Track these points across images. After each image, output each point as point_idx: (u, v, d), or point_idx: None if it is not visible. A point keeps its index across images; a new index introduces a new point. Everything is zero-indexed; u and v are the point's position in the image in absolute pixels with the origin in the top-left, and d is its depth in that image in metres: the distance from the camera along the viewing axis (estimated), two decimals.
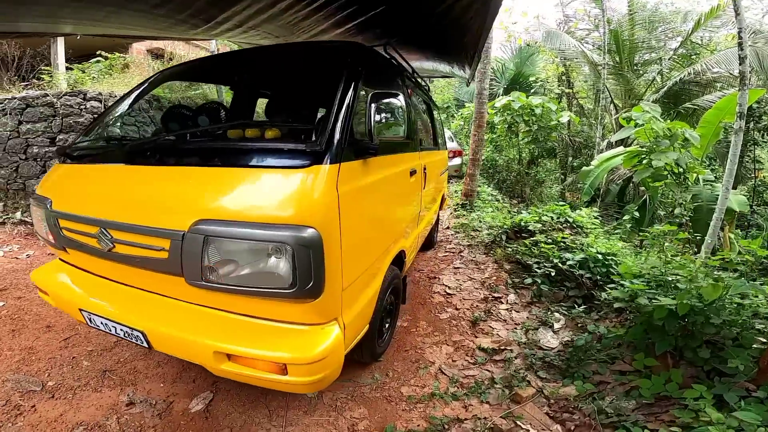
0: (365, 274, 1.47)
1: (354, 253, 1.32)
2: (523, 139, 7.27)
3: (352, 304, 1.37)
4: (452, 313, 2.63)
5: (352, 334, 1.39)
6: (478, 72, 5.84)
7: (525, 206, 7.11)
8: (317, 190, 1.12)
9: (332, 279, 1.15)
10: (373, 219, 1.53)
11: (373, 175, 1.50)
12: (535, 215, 4.27)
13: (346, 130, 1.28)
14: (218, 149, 1.43)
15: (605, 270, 2.86)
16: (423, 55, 3.31)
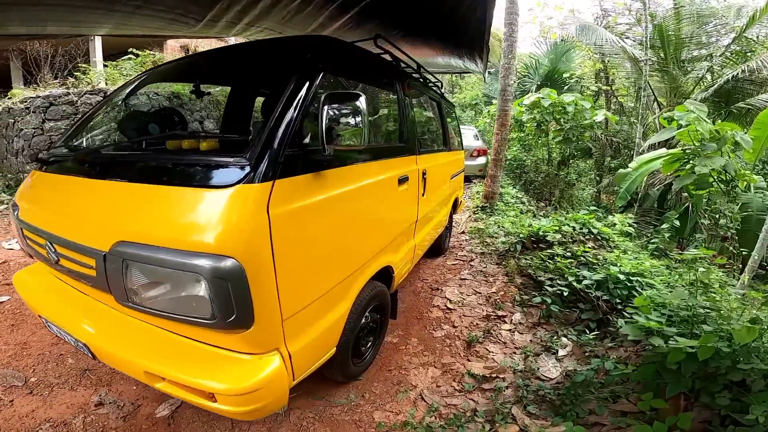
0: (323, 299, 1.35)
1: (300, 279, 1.20)
2: (554, 138, 6.87)
3: (301, 332, 1.27)
4: (448, 331, 2.48)
5: (303, 363, 1.31)
6: (502, 67, 5.58)
7: (553, 209, 6.74)
8: (239, 214, 1.00)
9: (266, 310, 1.06)
10: (331, 239, 1.37)
11: (331, 189, 1.34)
12: (555, 224, 3.99)
13: (286, 140, 1.13)
14: (141, 163, 1.34)
15: (626, 293, 2.59)
16: (431, 49, 3.14)
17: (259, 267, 1.02)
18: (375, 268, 1.79)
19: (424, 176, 2.45)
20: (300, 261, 1.19)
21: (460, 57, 3.33)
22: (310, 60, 1.36)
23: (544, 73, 9.10)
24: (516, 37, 5.44)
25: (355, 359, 1.90)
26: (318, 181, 1.28)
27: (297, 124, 1.18)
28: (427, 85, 3.16)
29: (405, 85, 2.28)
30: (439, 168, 3.07)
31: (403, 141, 2.17)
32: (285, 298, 1.12)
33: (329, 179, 1.34)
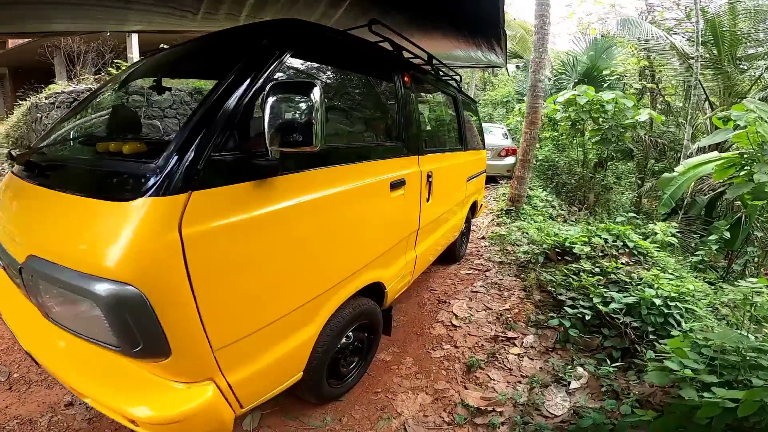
0: (276, 326, 1.20)
1: (237, 307, 1.05)
2: (590, 138, 6.40)
3: (246, 360, 1.14)
4: (448, 351, 2.27)
5: (253, 391, 1.20)
6: (532, 61, 5.30)
7: (587, 214, 6.29)
8: (140, 234, 0.85)
9: (186, 341, 0.94)
10: (284, 261, 1.19)
11: (283, 199, 1.14)
12: (585, 234, 3.65)
13: (211, 141, 0.95)
14: (53, 168, 1.22)
15: (662, 320, 2.27)
16: (446, 39, 2.90)
17: (169, 295, 0.88)
18: (357, 285, 1.61)
19: (429, 179, 2.23)
20: (236, 287, 1.03)
21: (478, 47, 3.06)
22: (265, 45, 1.17)
23: (582, 70, 8.53)
24: (547, 29, 5.15)
25: (333, 381, 1.76)
26: (261, 191, 1.08)
27: (232, 121, 1.00)
28: (440, 78, 2.93)
29: (406, 77, 2.07)
30: (452, 169, 2.85)
31: (400, 139, 1.96)
32: (214, 328, 0.98)
33: (279, 188, 1.14)
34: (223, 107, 1.00)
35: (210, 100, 1.02)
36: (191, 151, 0.92)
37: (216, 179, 0.97)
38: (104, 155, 1.26)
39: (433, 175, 2.29)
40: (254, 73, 1.08)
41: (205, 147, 0.94)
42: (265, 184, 1.08)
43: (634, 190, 7.25)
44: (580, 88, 6.20)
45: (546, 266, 3.49)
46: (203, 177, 0.93)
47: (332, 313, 1.48)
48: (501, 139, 7.79)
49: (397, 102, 1.97)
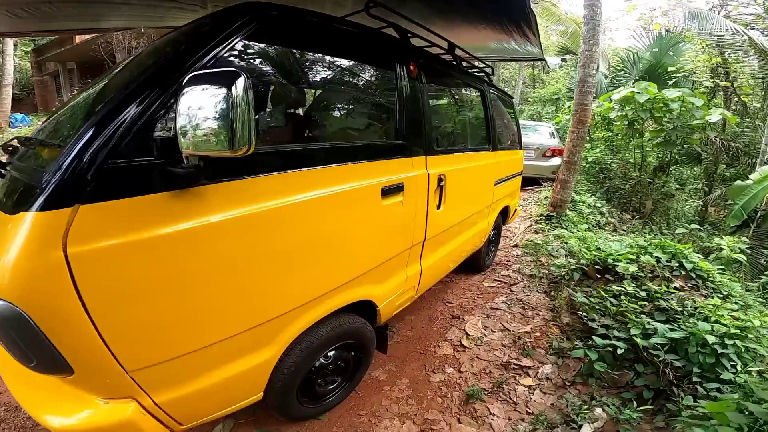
0: (218, 348, 1.09)
1: (155, 329, 0.96)
2: (651, 139, 5.76)
3: (183, 381, 1.08)
4: (450, 376, 2.07)
5: (196, 409, 1.16)
6: (581, 55, 4.90)
7: (642, 224, 5.69)
8: (16, 251, 0.77)
9: (87, 360, 0.88)
10: (220, 280, 1.04)
11: (212, 211, 0.98)
12: (633, 250, 3.24)
13: (107, 145, 0.83)
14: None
15: (713, 360, 1.91)
16: (472, 26, 2.63)
17: (57, 315, 0.80)
18: (334, 305, 1.46)
19: (440, 183, 2.02)
20: (149, 311, 0.93)
21: (509, 35, 2.75)
22: (205, 31, 1.03)
23: (644, 67, 7.73)
24: (598, 20, 4.74)
25: (308, 401, 1.64)
26: (182, 203, 0.93)
27: (138, 121, 0.87)
28: (463, 69, 2.67)
29: (412, 67, 1.85)
30: (474, 172, 2.60)
31: (400, 138, 1.75)
32: (124, 350, 0.91)
33: (210, 199, 0.98)
34: (129, 104, 0.87)
35: (113, 96, 0.89)
36: (79, 159, 0.81)
37: (115, 190, 0.84)
38: (24, 162, 1.16)
39: (447, 178, 2.07)
40: (176, 62, 0.94)
41: (98, 153, 0.82)
42: (187, 195, 0.93)
43: (700, 198, 6.45)
44: (639, 85, 5.60)
45: (582, 284, 3.14)
46: (95, 188, 0.81)
47: (298, 335, 1.35)
48: (547, 138, 7.31)
49: (398, 94, 1.76)
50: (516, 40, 2.87)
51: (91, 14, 2.37)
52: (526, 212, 5.66)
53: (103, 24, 2.71)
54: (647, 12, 11.10)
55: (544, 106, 11.36)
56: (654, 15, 10.33)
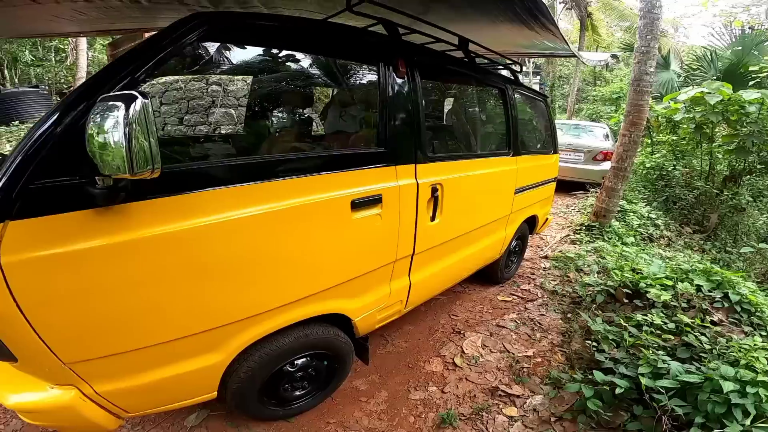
0: (155, 350, 1.19)
1: (87, 330, 1.07)
2: (721, 145, 5.12)
3: (124, 375, 1.21)
4: (431, 395, 2.03)
5: (142, 401, 1.31)
6: (636, 51, 4.50)
7: (704, 239, 5.10)
8: None
9: (28, 352, 1.04)
10: (146, 290, 1.11)
11: (139, 227, 1.04)
12: (673, 274, 2.93)
13: (37, 167, 0.91)
14: None
15: (722, 411, 1.69)
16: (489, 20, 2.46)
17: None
18: (294, 318, 1.49)
19: (435, 193, 1.93)
20: (80, 313, 1.03)
21: (531, 28, 2.51)
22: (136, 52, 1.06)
23: (723, 67, 6.85)
24: (657, 13, 4.31)
25: (274, 403, 1.72)
26: (107, 219, 1.00)
27: (60, 143, 0.94)
28: (474, 66, 2.50)
29: (400, 65, 1.74)
30: (484, 179, 2.45)
31: (380, 144, 1.69)
32: (58, 345, 1.04)
33: (137, 215, 1.04)
34: (49, 125, 0.94)
35: (42, 119, 0.96)
36: (7, 178, 0.90)
37: (39, 208, 0.93)
38: None
39: (444, 187, 1.99)
40: (96, 84, 1.00)
41: (22, 173, 0.90)
42: (109, 212, 1.00)
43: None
44: (710, 85, 4.98)
45: (607, 308, 2.91)
46: (22, 206, 0.91)
47: (251, 344, 1.41)
48: (600, 140, 6.80)
49: (380, 96, 1.69)
50: (539, 32, 2.64)
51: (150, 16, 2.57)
52: (566, 220, 5.33)
53: (156, 22, 2.95)
54: (727, 8, 9.88)
55: (603, 105, 10.52)
56: (735, 12, 9.17)
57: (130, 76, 1.03)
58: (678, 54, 9.57)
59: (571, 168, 6.54)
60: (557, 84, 15.51)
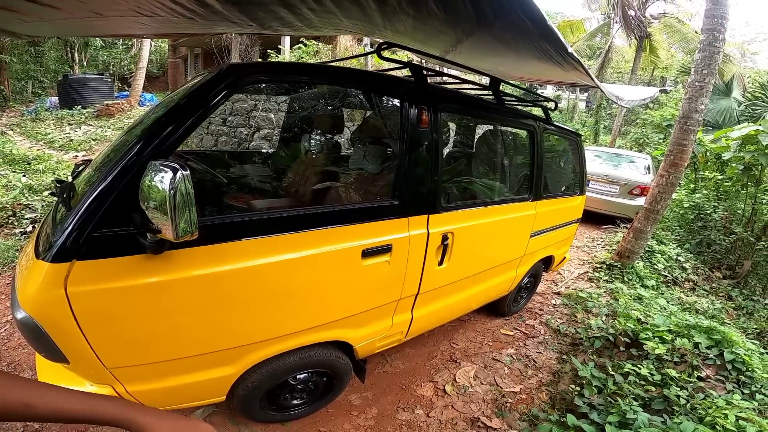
0: (181, 363, 1.52)
1: (128, 344, 1.39)
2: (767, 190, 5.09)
3: (152, 379, 1.51)
4: (416, 418, 2.37)
5: (161, 400, 1.58)
6: (689, 86, 4.45)
7: (733, 286, 5.09)
8: (34, 285, 1.20)
9: (79, 357, 1.32)
10: (179, 317, 1.41)
11: (178, 271, 1.33)
12: (676, 329, 3.10)
13: (100, 219, 1.19)
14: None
15: None
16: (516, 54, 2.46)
17: (59, 327, 1.24)
18: (301, 342, 1.78)
19: (444, 241, 2.09)
20: (124, 332, 1.35)
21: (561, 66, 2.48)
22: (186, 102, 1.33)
23: None
24: (719, 47, 4.29)
25: (273, 408, 2.06)
26: (154, 263, 1.28)
27: (118, 199, 1.20)
28: (503, 109, 2.57)
29: (423, 116, 1.86)
30: (498, 226, 2.57)
31: (395, 197, 1.85)
32: (105, 354, 1.34)
33: (177, 260, 1.33)
34: (110, 182, 1.20)
35: (103, 175, 1.23)
36: (75, 227, 1.18)
37: (99, 252, 1.21)
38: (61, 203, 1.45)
39: (455, 236, 2.15)
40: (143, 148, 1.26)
41: (87, 224, 1.18)
42: (155, 257, 1.27)
43: None
44: (766, 123, 4.94)
45: (603, 353, 3.14)
46: (86, 250, 1.19)
47: (261, 361, 1.73)
48: (640, 173, 6.75)
49: (400, 147, 1.84)
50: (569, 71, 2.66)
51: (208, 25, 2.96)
52: (589, 255, 5.46)
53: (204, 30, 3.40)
54: None
55: (652, 131, 10.25)
56: None
57: (175, 134, 1.32)
58: (741, 81, 9.22)
59: (603, 200, 6.56)
60: (605, 104, 15.16)
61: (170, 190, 1.06)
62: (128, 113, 11.34)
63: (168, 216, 1.08)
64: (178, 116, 1.34)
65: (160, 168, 1.09)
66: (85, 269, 1.21)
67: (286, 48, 11.69)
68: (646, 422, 2.15)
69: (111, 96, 12.04)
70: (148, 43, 10.83)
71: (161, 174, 1.08)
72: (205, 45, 16.12)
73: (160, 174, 1.08)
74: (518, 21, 1.52)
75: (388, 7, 1.74)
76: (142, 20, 2.35)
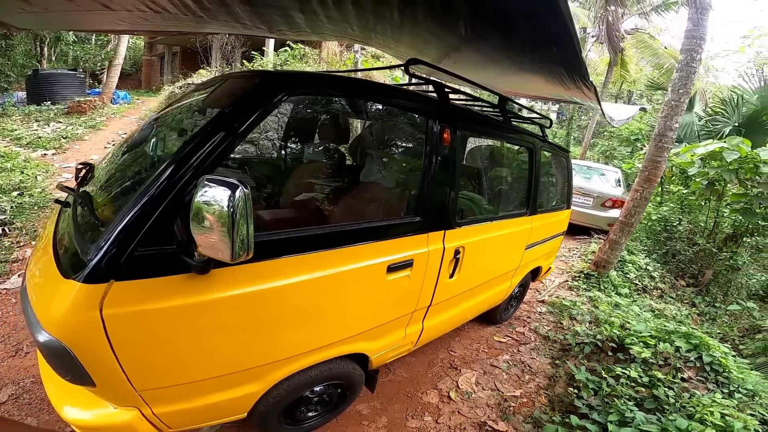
0: (210, 382, 1.46)
1: (161, 366, 1.32)
2: (729, 204, 5.45)
3: (180, 400, 1.43)
4: (425, 425, 2.40)
5: (186, 420, 1.52)
6: (666, 104, 4.63)
7: (696, 293, 5.44)
8: (70, 308, 1.10)
9: (108, 380, 1.23)
10: (215, 338, 1.35)
11: (218, 290, 1.27)
12: (656, 334, 3.29)
13: (137, 236, 1.10)
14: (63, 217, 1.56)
15: None
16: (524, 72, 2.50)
17: (91, 351, 1.15)
18: (324, 356, 1.77)
19: (456, 256, 2.16)
20: (158, 354, 1.27)
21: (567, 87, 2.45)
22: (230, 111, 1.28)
23: (747, 113, 7.10)
24: (695, 67, 4.48)
25: (288, 422, 2.02)
26: (194, 283, 1.21)
27: (162, 216, 1.12)
28: (510, 127, 2.65)
29: (445, 135, 1.89)
30: (500, 240, 2.66)
31: (417, 214, 1.89)
32: (136, 376, 1.26)
33: (218, 280, 1.26)
34: (155, 200, 1.11)
35: (145, 189, 1.15)
36: (114, 246, 1.08)
37: (140, 271, 1.13)
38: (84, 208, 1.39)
39: (466, 250, 2.22)
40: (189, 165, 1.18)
41: (128, 242, 1.09)
42: (197, 277, 1.20)
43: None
44: (731, 141, 5.23)
45: (592, 358, 3.28)
46: (126, 270, 1.10)
47: (286, 376, 1.67)
48: (611, 186, 7.09)
49: (425, 166, 1.87)
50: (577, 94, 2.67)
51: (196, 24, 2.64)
52: (566, 265, 5.67)
53: (202, 30, 3.26)
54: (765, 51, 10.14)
55: (620, 144, 10.82)
56: None
57: (221, 147, 1.24)
58: (704, 96, 9.68)
59: (578, 212, 6.79)
60: (576, 116, 15.84)
61: (229, 209, 0.98)
62: (100, 111, 10.78)
63: (227, 236, 1.01)
64: (225, 127, 1.28)
65: (215, 184, 1.01)
66: (123, 290, 1.13)
67: (270, 50, 11.48)
68: (644, 420, 2.27)
69: (83, 93, 11.42)
70: (126, 40, 10.34)
71: (217, 190, 1.00)
72: (184, 43, 15.62)
73: (216, 190, 1.00)
74: (549, 52, 1.60)
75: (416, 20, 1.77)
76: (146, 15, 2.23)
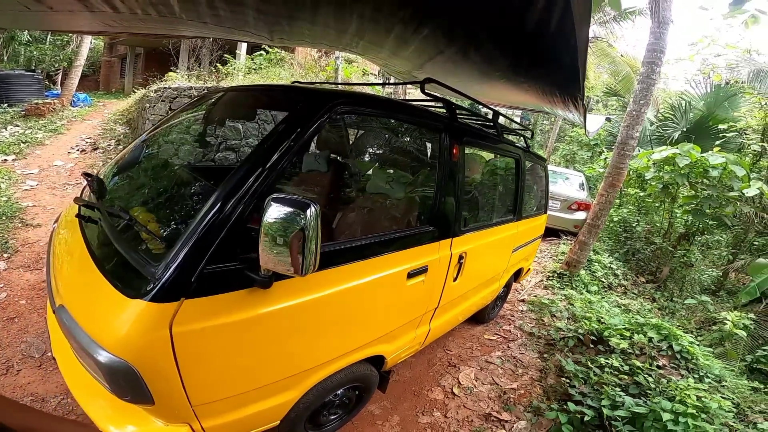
0: (256, 392, 1.48)
1: (218, 380, 1.34)
2: (682, 205, 5.96)
3: (226, 413, 1.43)
4: (436, 420, 2.50)
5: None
6: (628, 114, 4.94)
7: (655, 289, 5.90)
8: (136, 328, 1.09)
9: (169, 398, 1.22)
10: (269, 349, 1.40)
11: (275, 302, 1.32)
12: (629, 326, 3.57)
13: (206, 254, 1.11)
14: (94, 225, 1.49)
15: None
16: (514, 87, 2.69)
17: (157, 371, 1.14)
18: (351, 360, 1.82)
19: (460, 260, 2.31)
20: (217, 369, 1.29)
21: (555, 104, 2.65)
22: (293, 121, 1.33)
23: (694, 119, 7.71)
24: (655, 78, 4.81)
25: (310, 427, 2.04)
26: (254, 297, 1.25)
27: (230, 234, 1.15)
28: (502, 139, 2.85)
29: (454, 150, 2.02)
30: (493, 244, 2.84)
31: (432, 224, 2.02)
32: (194, 393, 1.26)
33: (275, 293, 1.30)
34: (223, 218, 1.15)
35: (210, 207, 1.17)
36: (185, 264, 1.09)
37: (209, 288, 1.15)
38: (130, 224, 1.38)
39: (467, 255, 2.35)
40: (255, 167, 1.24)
41: (198, 261, 1.11)
42: (257, 292, 1.25)
43: (722, 266, 6.53)
44: (683, 147, 5.68)
45: (575, 350, 3.51)
46: (196, 287, 1.12)
47: (318, 382, 1.71)
48: (576, 189, 7.51)
49: (438, 178, 1.99)
50: (560, 107, 2.81)
51: (170, 26, 2.59)
52: (540, 265, 5.97)
53: (178, 33, 3.13)
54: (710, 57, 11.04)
55: (580, 149, 11.41)
56: (717, 64, 10.24)
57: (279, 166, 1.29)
58: (655, 102, 10.29)
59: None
60: (539, 121, 16.52)
61: (303, 228, 1.02)
62: (60, 114, 10.12)
63: (300, 253, 1.05)
64: (286, 145, 1.32)
65: (284, 204, 1.04)
66: (191, 308, 1.14)
67: (242, 53, 11.23)
68: (633, 404, 2.48)
69: (41, 95, 10.66)
70: (88, 40, 9.78)
71: (287, 210, 1.03)
72: (148, 45, 14.96)
73: (286, 210, 1.03)
74: (554, 76, 1.79)
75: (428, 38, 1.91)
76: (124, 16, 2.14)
